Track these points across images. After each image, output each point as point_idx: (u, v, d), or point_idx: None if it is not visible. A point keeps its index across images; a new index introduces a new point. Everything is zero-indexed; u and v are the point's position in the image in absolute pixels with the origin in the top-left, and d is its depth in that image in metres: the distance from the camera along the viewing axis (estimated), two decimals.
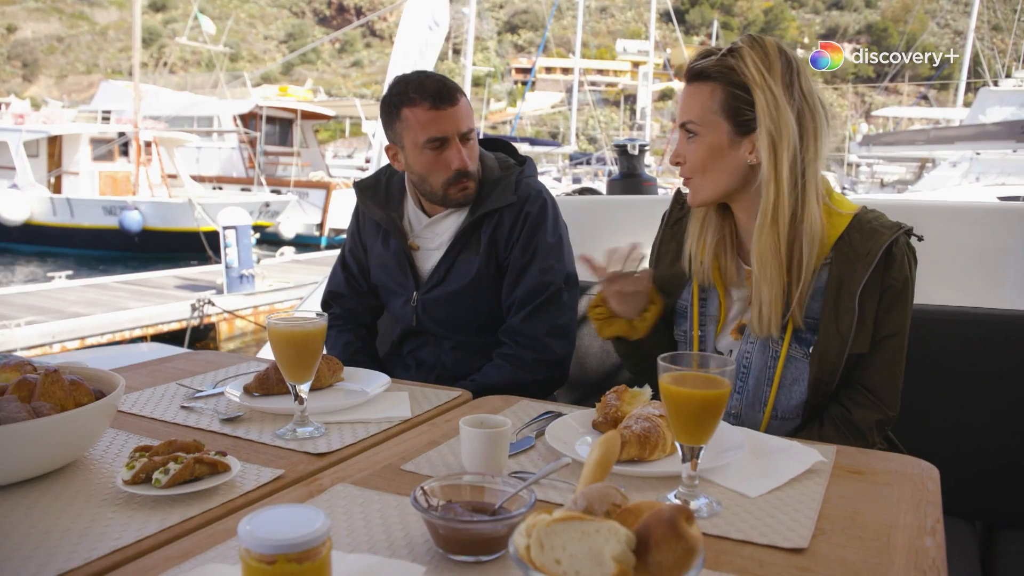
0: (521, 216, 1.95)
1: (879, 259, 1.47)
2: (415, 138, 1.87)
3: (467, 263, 1.96)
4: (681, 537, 0.72)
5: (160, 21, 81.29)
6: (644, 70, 45.65)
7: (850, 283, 1.48)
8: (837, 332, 1.49)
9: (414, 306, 2.03)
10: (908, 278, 1.51)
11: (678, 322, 1.69)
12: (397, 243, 2.03)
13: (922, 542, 0.99)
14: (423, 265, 2.04)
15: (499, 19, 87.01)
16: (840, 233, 1.51)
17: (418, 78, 1.89)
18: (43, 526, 1.02)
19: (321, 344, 1.37)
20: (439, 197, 1.95)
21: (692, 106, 1.51)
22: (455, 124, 1.87)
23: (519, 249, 1.94)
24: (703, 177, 1.54)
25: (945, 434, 1.81)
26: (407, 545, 0.96)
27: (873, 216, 1.53)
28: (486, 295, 1.98)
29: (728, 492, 1.13)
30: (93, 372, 1.35)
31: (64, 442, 1.18)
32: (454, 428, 1.42)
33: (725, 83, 1.47)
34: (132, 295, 10.45)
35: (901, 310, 1.51)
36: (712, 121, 1.50)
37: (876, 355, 1.51)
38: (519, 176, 2.00)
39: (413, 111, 1.86)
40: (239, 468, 1.17)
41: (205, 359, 1.96)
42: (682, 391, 1.04)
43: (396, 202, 2.08)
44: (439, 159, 1.88)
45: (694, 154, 1.52)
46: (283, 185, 21.05)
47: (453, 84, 1.90)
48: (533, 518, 0.78)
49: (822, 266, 1.51)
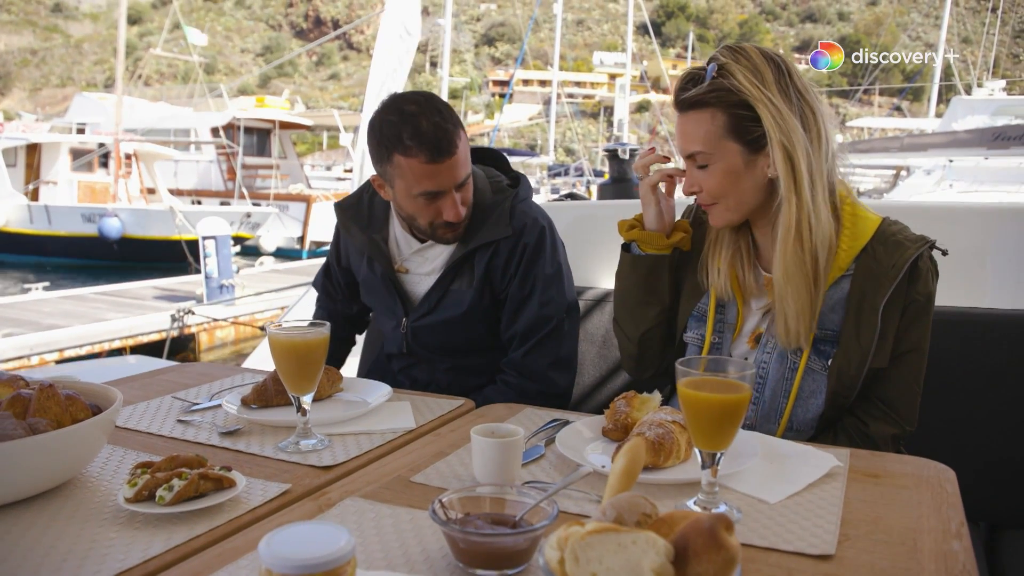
0: (519, 248, 1.86)
1: (904, 274, 1.44)
2: (407, 187, 1.74)
3: (460, 294, 1.88)
4: (722, 547, 0.70)
5: (135, 34, 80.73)
6: (621, 82, 45.88)
7: (873, 296, 1.45)
8: (858, 345, 1.46)
9: (404, 332, 1.96)
10: (931, 293, 1.48)
11: (693, 327, 1.64)
12: (382, 267, 1.95)
13: (949, 546, 0.98)
14: (413, 290, 1.95)
15: (476, 32, 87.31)
16: (864, 244, 1.47)
17: (413, 121, 1.69)
18: (42, 547, 0.98)
19: (324, 354, 1.34)
20: (427, 235, 1.86)
21: (695, 135, 1.46)
22: (452, 177, 1.73)
23: (517, 283, 1.86)
24: (727, 201, 1.49)
25: (946, 435, 1.80)
26: (425, 560, 0.93)
27: (898, 228, 1.50)
28: (480, 323, 1.91)
29: (747, 498, 1.11)
30: (88, 387, 1.31)
31: (62, 459, 1.13)
32: (460, 438, 1.39)
33: (724, 106, 1.43)
34: (110, 306, 10.29)
35: (923, 325, 1.48)
36: (722, 146, 1.45)
37: (895, 369, 1.49)
38: (514, 202, 1.90)
39: (408, 161, 1.70)
40: (244, 483, 1.13)
41: (197, 371, 1.92)
42: (702, 395, 1.02)
43: (380, 223, 1.98)
44: (431, 208, 1.76)
45: (710, 182, 1.48)
46: (263, 198, 20.84)
47: (452, 125, 1.72)
48: (564, 530, 0.76)
49: (843, 277, 1.48)
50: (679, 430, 1.23)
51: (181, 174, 22.99)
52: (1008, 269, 2.14)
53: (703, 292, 1.64)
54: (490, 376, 1.95)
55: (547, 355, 1.87)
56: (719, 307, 1.61)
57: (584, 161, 35.01)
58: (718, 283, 1.59)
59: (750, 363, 1.04)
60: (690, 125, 1.47)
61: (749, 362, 1.52)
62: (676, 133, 1.50)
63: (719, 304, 1.61)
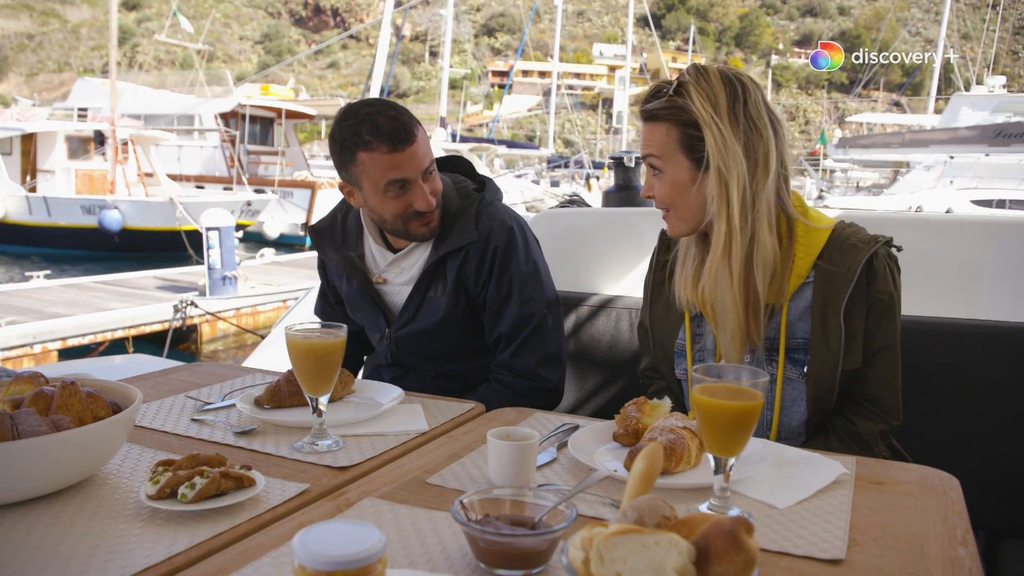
0: (488, 253, 1.88)
1: (859, 274, 1.48)
2: (374, 182, 1.77)
3: (436, 301, 1.90)
4: (742, 548, 0.72)
5: (133, 20, 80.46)
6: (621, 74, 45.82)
7: (834, 300, 1.49)
8: (828, 350, 1.50)
9: (387, 343, 1.99)
10: (893, 290, 1.52)
11: (678, 362, 1.69)
12: (359, 282, 1.97)
13: (955, 552, 1.00)
14: (393, 300, 1.98)
15: (476, 22, 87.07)
16: (819, 251, 1.52)
17: (369, 115, 1.75)
18: (69, 542, 1.00)
19: (340, 356, 1.36)
20: (402, 233, 1.87)
21: (651, 143, 1.54)
22: (416, 165, 1.77)
23: (493, 287, 1.89)
24: (676, 211, 1.56)
25: (945, 444, 1.83)
26: (446, 559, 0.95)
27: (852, 231, 1.54)
28: (459, 329, 1.93)
29: (757, 504, 1.14)
30: (108, 384, 1.32)
31: (85, 456, 1.16)
32: (473, 440, 1.41)
33: (677, 122, 1.50)
34: (112, 296, 10.28)
35: (890, 322, 1.52)
36: (673, 158, 1.52)
37: (872, 368, 1.53)
38: (479, 206, 1.92)
39: (370, 155, 1.75)
40: (264, 483, 1.15)
41: (208, 371, 1.94)
42: (716, 402, 1.04)
43: (353, 241, 2.00)
44: (400, 201, 1.79)
45: (662, 189, 1.55)
46: (267, 184, 20.81)
47: (408, 117, 1.78)
48: (588, 531, 0.78)
49: (804, 285, 1.52)
50: (690, 436, 1.25)
51: (185, 160, 22.96)
52: (1007, 281, 2.16)
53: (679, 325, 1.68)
54: (478, 381, 1.96)
55: (534, 353, 1.90)
56: (695, 336, 1.65)
57: (584, 154, 35.00)
58: (683, 296, 1.62)
59: (763, 371, 1.07)
60: (648, 133, 1.55)
61: (762, 370, 1.54)
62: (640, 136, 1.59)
63: (695, 334, 1.65)
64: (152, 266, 12.85)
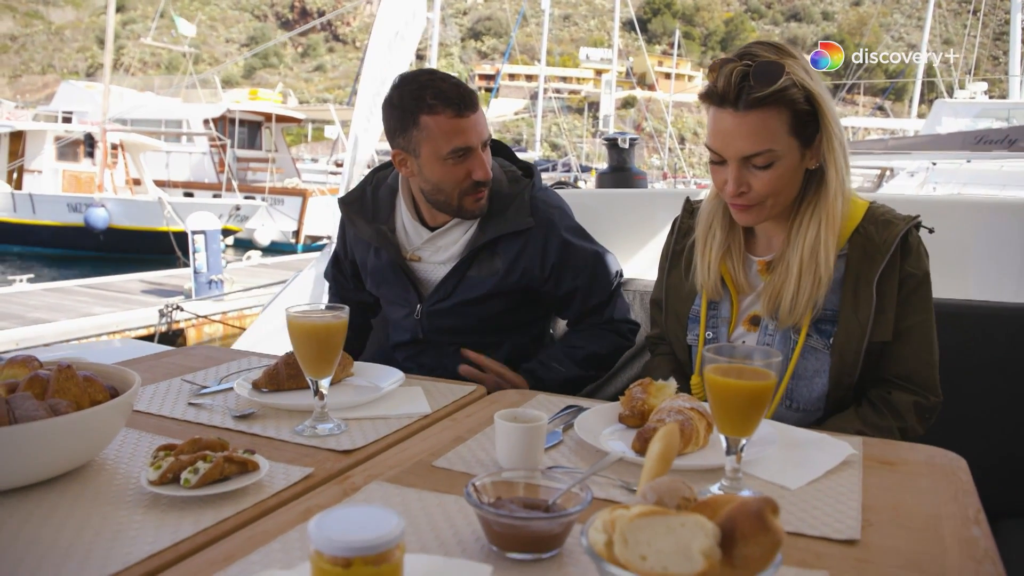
0: (553, 240, 1.89)
1: (895, 248, 1.49)
2: (437, 149, 1.76)
3: (477, 279, 1.90)
4: (769, 529, 0.71)
5: (119, 22, 79.87)
6: (607, 78, 45.96)
7: (868, 272, 1.50)
8: (856, 321, 1.50)
9: (418, 318, 1.98)
10: (926, 269, 1.53)
11: (692, 327, 1.68)
12: (390, 256, 1.96)
13: (970, 532, 1.00)
14: (426, 277, 1.97)
15: (463, 25, 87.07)
16: (856, 225, 1.53)
17: (432, 81, 1.76)
18: (69, 530, 0.97)
19: (343, 338, 1.34)
20: (453, 208, 1.85)
21: (762, 135, 1.42)
22: (479, 133, 1.78)
23: (570, 274, 1.92)
24: (776, 198, 1.49)
25: (944, 426, 1.82)
26: (459, 543, 0.93)
27: (886, 209, 1.56)
28: (497, 307, 1.94)
29: (769, 485, 1.13)
30: (104, 368, 1.30)
31: (83, 441, 1.13)
32: (477, 423, 1.40)
33: (789, 103, 1.41)
34: (97, 300, 10.16)
35: (923, 297, 1.52)
36: (786, 144, 1.44)
37: (903, 345, 1.52)
38: (533, 191, 1.93)
39: (435, 119, 1.74)
40: (267, 467, 1.13)
41: (203, 354, 1.91)
42: (729, 382, 1.03)
43: (385, 214, 2.00)
44: (459, 169, 1.78)
45: (768, 182, 1.46)
46: (258, 191, 20.58)
47: (467, 86, 1.79)
48: (609, 514, 0.76)
49: (839, 257, 1.52)
50: (698, 417, 1.24)
51: (173, 166, 22.73)
52: (1010, 262, 2.17)
53: (694, 294, 1.67)
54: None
55: (623, 306, 2.04)
56: (711, 304, 1.64)
57: (572, 157, 35.05)
58: (708, 282, 1.61)
59: (776, 351, 1.06)
60: (754, 124, 1.41)
61: (775, 349, 1.53)
62: (724, 132, 1.44)
63: (711, 302, 1.64)
64: (138, 267, 12.73)
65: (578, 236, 1.96)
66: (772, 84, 1.39)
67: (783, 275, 1.52)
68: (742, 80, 1.40)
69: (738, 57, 1.43)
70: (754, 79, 1.39)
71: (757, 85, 1.39)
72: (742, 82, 1.40)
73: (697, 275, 1.64)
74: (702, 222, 1.64)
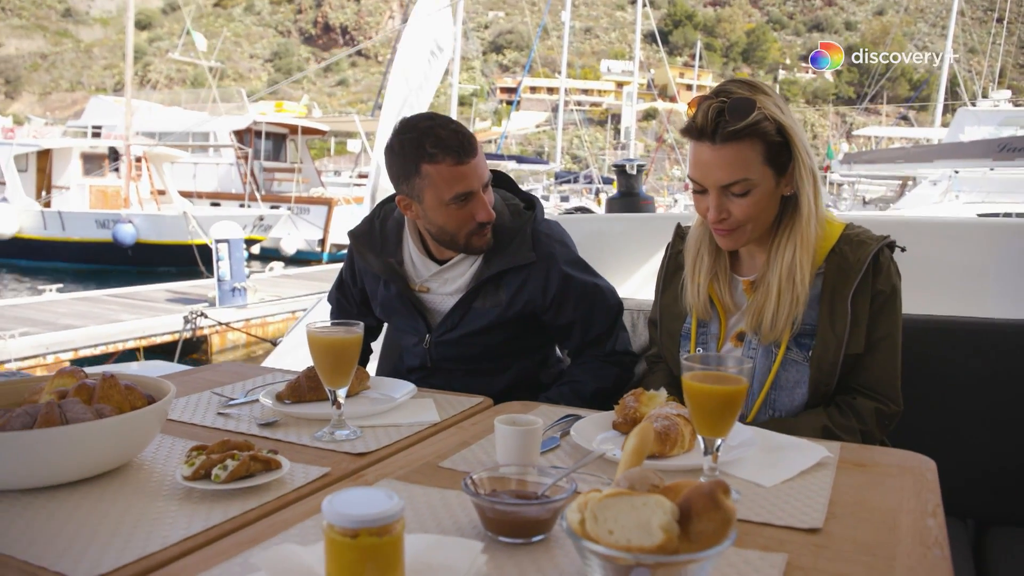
0: (555, 275, 1.95)
1: (867, 266, 1.61)
2: (439, 195, 1.82)
3: (482, 310, 1.98)
4: (720, 507, 0.82)
5: (145, 39, 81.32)
6: (628, 90, 46.14)
7: (843, 288, 1.62)
8: (833, 334, 1.61)
9: (427, 348, 2.06)
10: (895, 286, 1.65)
11: (684, 344, 1.79)
12: (398, 288, 2.03)
13: (924, 523, 1.09)
14: (435, 308, 2.05)
15: (484, 39, 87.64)
16: (832, 245, 1.65)
17: (432, 129, 1.81)
18: (113, 517, 1.10)
19: (357, 352, 1.46)
20: (460, 246, 1.92)
21: (738, 166, 1.55)
22: (479, 176, 1.83)
23: (570, 309, 1.98)
24: (755, 223, 1.62)
25: (937, 437, 1.91)
26: (457, 531, 1.05)
27: (861, 230, 1.68)
28: (501, 336, 2.01)
29: (745, 483, 1.23)
30: (143, 379, 1.43)
31: (125, 441, 1.26)
32: (483, 430, 1.51)
33: (762, 135, 1.54)
34: (123, 308, 10.45)
35: (891, 313, 1.64)
36: (760, 173, 1.56)
37: (870, 356, 1.63)
38: (535, 225, 1.99)
39: (436, 168, 1.79)
40: (288, 466, 1.25)
41: (231, 370, 2.04)
42: (703, 387, 1.14)
43: (393, 247, 2.06)
44: (463, 212, 1.84)
45: (745, 208, 1.58)
46: (283, 201, 20.94)
47: (467, 131, 1.84)
48: (584, 497, 0.88)
49: (816, 275, 1.64)
50: (683, 422, 1.35)
51: (200, 177, 23.13)
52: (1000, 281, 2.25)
53: (686, 314, 1.79)
54: (499, 377, 2.07)
55: (624, 334, 2.10)
56: (700, 323, 1.76)
57: (593, 169, 35.19)
58: (698, 303, 1.74)
59: (747, 358, 1.16)
60: (730, 156, 1.54)
61: (746, 357, 1.64)
62: (703, 164, 1.57)
63: (700, 321, 1.76)
64: (164, 280, 13.02)
65: (578, 269, 2.02)
66: (745, 118, 1.52)
67: (764, 295, 1.64)
68: (718, 116, 1.53)
69: (714, 95, 1.57)
70: (729, 114, 1.52)
71: (732, 119, 1.52)
72: (718, 117, 1.53)
73: (687, 297, 1.76)
74: (691, 248, 1.77)
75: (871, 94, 44.33)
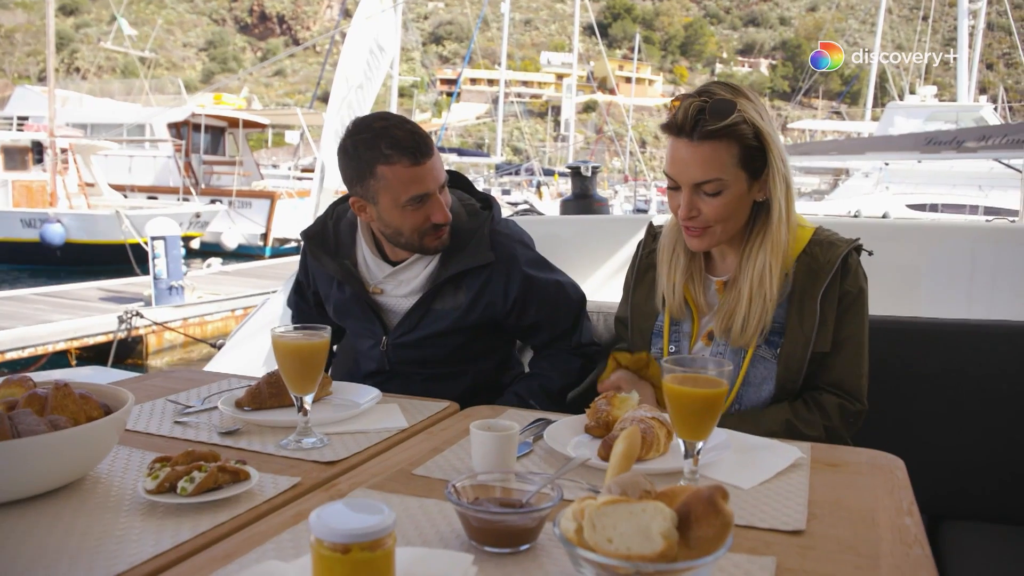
0: (515, 274, 1.92)
1: (837, 267, 1.63)
2: (395, 197, 1.78)
3: (442, 312, 1.94)
4: (720, 512, 0.81)
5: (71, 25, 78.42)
6: (568, 82, 46.37)
7: (812, 289, 1.64)
8: (801, 332, 1.63)
9: (383, 350, 2.01)
10: (862, 287, 1.68)
11: (656, 342, 1.80)
12: (354, 289, 1.98)
13: (902, 521, 1.11)
14: (391, 310, 2.00)
15: (424, 30, 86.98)
16: (803, 247, 1.67)
17: (387, 129, 1.76)
18: (75, 536, 1.04)
19: (324, 357, 1.41)
20: (415, 247, 1.89)
21: (712, 165, 1.56)
22: (435, 178, 1.80)
23: (534, 306, 1.96)
24: (724, 224, 1.62)
25: (894, 433, 1.95)
26: (440, 541, 1.02)
27: (830, 233, 1.71)
28: (461, 338, 1.98)
29: (723, 485, 1.22)
30: (98, 387, 1.36)
31: (82, 454, 1.19)
32: (453, 435, 1.48)
33: (739, 138, 1.55)
34: (53, 307, 9.98)
35: (857, 313, 1.66)
36: (734, 175, 1.58)
37: (836, 355, 1.66)
38: (492, 225, 1.96)
39: (392, 169, 1.75)
40: (258, 477, 1.21)
41: (183, 376, 1.97)
42: (685, 390, 1.13)
43: (347, 248, 2.02)
44: (418, 214, 1.81)
45: (716, 209, 1.59)
46: (224, 195, 20.33)
47: (423, 131, 1.80)
48: (578, 504, 0.86)
49: (786, 276, 1.66)
50: (658, 425, 1.34)
51: (136, 170, 22.31)
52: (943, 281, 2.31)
53: (657, 312, 1.79)
54: (459, 380, 2.03)
55: (589, 328, 2.10)
56: (673, 321, 1.77)
57: (534, 162, 35.27)
58: (672, 302, 1.74)
59: (728, 361, 1.17)
60: (706, 154, 1.55)
61: (727, 360, 1.65)
62: (679, 160, 1.58)
63: (673, 320, 1.76)
64: (96, 279, 12.51)
65: (539, 268, 2.00)
66: (724, 119, 1.53)
67: (735, 300, 1.65)
68: (698, 114, 1.54)
69: (697, 94, 1.59)
70: (709, 114, 1.53)
71: (711, 119, 1.53)
72: (698, 115, 1.54)
73: (660, 296, 1.76)
74: (665, 247, 1.77)
75: (805, 88, 45.42)
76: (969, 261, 2.72)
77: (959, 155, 12.03)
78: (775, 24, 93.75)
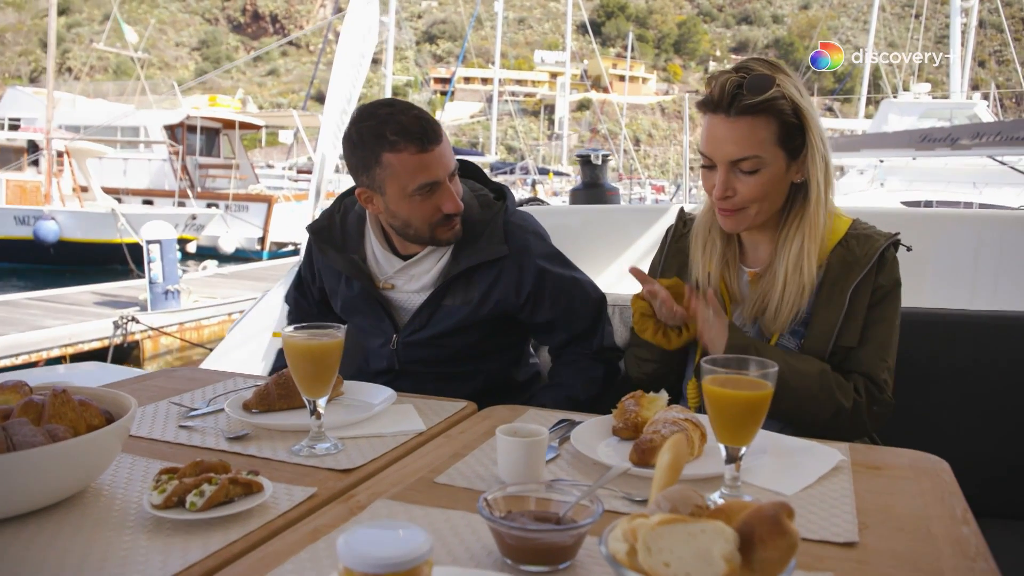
0: (529, 269, 1.84)
1: (873, 263, 1.57)
2: (402, 186, 1.71)
3: (452, 308, 1.86)
4: (786, 533, 0.74)
5: (63, 25, 77.89)
6: (562, 80, 46.26)
7: (843, 282, 1.58)
8: (827, 323, 1.58)
9: (394, 348, 1.94)
10: (897, 280, 1.61)
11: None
12: (362, 285, 1.91)
13: (959, 531, 1.04)
14: (401, 307, 1.92)
15: (418, 29, 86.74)
16: (840, 238, 1.61)
17: (393, 115, 1.69)
18: (75, 556, 0.97)
19: (339, 357, 1.34)
20: (426, 239, 1.81)
21: (749, 141, 1.50)
22: (444, 165, 1.72)
23: (548, 305, 1.88)
24: (760, 205, 1.56)
25: (923, 428, 1.89)
26: (471, 558, 0.95)
27: (868, 226, 1.65)
28: (474, 336, 1.90)
29: (765, 491, 1.16)
30: (98, 392, 1.29)
31: (83, 467, 1.12)
32: (473, 438, 1.41)
33: (778, 114, 1.50)
34: (47, 312, 9.84)
35: (888, 305, 1.60)
36: (772, 153, 1.52)
37: (863, 346, 1.59)
38: (506, 216, 1.88)
39: (398, 157, 1.68)
40: (271, 488, 1.13)
41: (186, 376, 1.90)
42: (727, 393, 1.06)
43: (355, 243, 1.94)
44: (428, 204, 1.73)
45: (753, 188, 1.54)
46: (221, 199, 20.10)
47: (430, 116, 1.72)
48: (628, 523, 0.79)
49: (819, 266, 1.59)
50: (692, 428, 1.27)
51: (131, 173, 22.06)
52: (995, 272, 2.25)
53: None
54: (473, 379, 1.96)
55: (610, 332, 1.99)
56: None
57: (529, 160, 35.15)
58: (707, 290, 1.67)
59: (772, 362, 1.09)
60: (743, 130, 1.50)
61: (770, 360, 1.58)
62: (715, 137, 1.53)
63: None
64: (90, 280, 12.35)
65: (555, 263, 1.91)
66: (762, 94, 1.48)
67: (770, 283, 1.59)
68: (736, 89, 1.49)
69: (734, 70, 1.53)
70: (747, 89, 1.48)
71: (749, 94, 1.48)
72: (735, 91, 1.49)
73: (693, 282, 1.69)
74: (700, 233, 1.70)
75: None
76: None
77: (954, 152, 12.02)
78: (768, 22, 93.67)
